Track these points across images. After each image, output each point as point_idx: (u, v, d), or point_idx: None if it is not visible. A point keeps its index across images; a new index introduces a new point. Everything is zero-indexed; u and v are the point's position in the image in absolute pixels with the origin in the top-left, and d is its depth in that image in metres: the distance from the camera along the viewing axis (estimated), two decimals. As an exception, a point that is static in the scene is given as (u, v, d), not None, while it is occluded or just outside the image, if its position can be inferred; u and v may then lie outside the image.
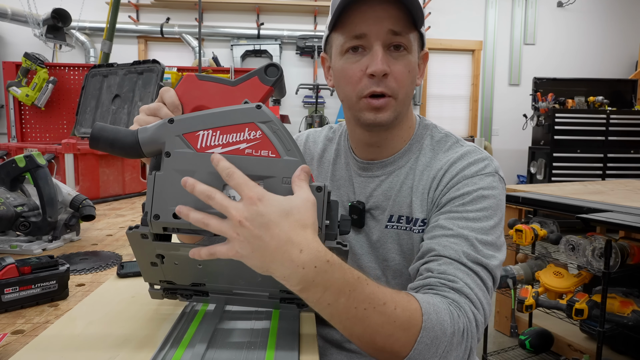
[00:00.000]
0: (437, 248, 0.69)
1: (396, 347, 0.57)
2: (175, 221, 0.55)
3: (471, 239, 0.69)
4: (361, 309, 0.55)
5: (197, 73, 0.65)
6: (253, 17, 5.39)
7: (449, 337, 0.59)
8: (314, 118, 5.02)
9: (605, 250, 1.73)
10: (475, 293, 0.64)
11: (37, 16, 3.76)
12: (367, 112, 0.77)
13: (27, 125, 2.91)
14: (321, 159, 0.95)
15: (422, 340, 0.57)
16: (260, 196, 0.50)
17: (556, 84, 4.87)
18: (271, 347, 0.61)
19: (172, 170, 0.55)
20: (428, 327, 0.58)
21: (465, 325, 0.61)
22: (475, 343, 0.64)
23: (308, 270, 0.51)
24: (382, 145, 0.84)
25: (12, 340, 0.63)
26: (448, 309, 0.61)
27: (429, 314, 0.58)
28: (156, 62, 2.00)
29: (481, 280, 0.67)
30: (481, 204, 0.73)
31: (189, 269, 0.66)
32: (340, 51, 0.77)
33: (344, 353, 0.86)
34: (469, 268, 0.66)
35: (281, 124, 0.55)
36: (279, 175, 0.54)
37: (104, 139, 0.58)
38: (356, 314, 0.55)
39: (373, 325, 0.56)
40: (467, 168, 0.77)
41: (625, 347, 2.08)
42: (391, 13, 0.72)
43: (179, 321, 0.69)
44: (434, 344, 0.58)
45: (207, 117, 0.55)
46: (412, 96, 0.82)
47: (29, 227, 1.04)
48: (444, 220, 0.72)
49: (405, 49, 0.75)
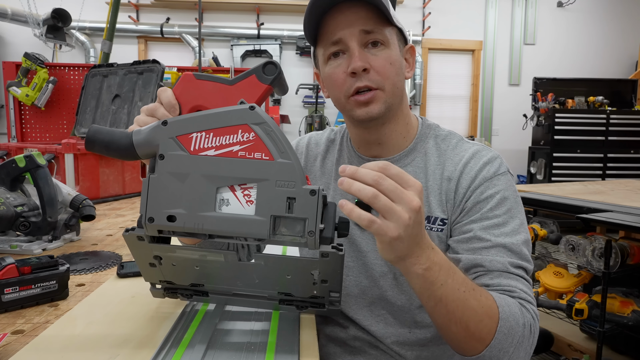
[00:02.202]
0: (485, 264, 0.72)
1: (484, 333, 0.62)
2: (170, 224, 0.55)
3: (509, 245, 0.73)
4: (462, 291, 0.61)
5: (194, 72, 0.64)
6: (253, 17, 5.39)
7: (522, 329, 0.64)
8: (314, 118, 5.02)
9: (605, 250, 1.73)
10: (528, 294, 0.70)
11: (37, 16, 3.76)
12: (356, 108, 0.79)
13: (27, 125, 2.90)
14: (324, 160, 0.95)
15: (501, 329, 0.62)
16: (421, 191, 0.57)
17: (556, 84, 4.88)
18: (271, 349, 0.61)
19: (166, 173, 0.55)
20: (504, 317, 0.62)
21: (530, 321, 0.66)
22: (536, 340, 0.68)
23: (433, 251, 0.59)
24: (383, 142, 0.85)
25: (12, 340, 0.63)
26: (517, 303, 0.66)
27: (502, 306, 0.63)
28: (156, 62, 2.00)
29: (526, 281, 0.72)
30: (506, 206, 0.76)
31: (187, 270, 0.66)
32: (324, 60, 0.82)
33: (347, 350, 0.86)
34: (516, 275, 0.71)
35: (275, 125, 0.55)
36: (272, 178, 0.54)
37: (99, 142, 0.58)
38: (459, 296, 0.60)
39: (470, 308, 0.61)
40: (484, 169, 0.79)
41: (625, 347, 2.07)
42: (360, 14, 0.76)
43: (179, 321, 0.68)
44: (510, 333, 0.62)
45: (201, 119, 0.55)
46: (403, 88, 0.83)
47: (29, 227, 1.04)
48: (479, 230, 0.75)
49: (383, 43, 0.78)
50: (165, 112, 0.62)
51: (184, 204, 0.54)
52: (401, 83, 0.82)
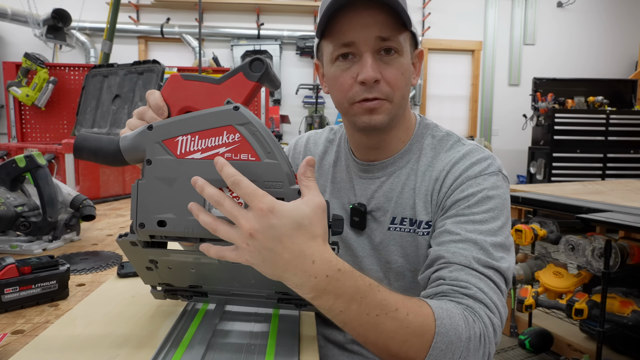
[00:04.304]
0: (446, 255, 0.68)
1: (411, 353, 0.57)
2: (161, 229, 0.55)
3: (480, 242, 0.68)
4: (373, 315, 0.55)
5: (182, 73, 0.63)
6: (253, 17, 5.39)
7: (465, 342, 0.58)
8: (314, 118, 5.02)
9: (605, 250, 1.73)
10: (490, 297, 0.64)
11: (37, 16, 3.76)
12: (360, 115, 0.77)
13: (27, 125, 2.90)
14: (322, 161, 0.95)
15: (436, 345, 0.57)
16: (271, 207, 0.49)
17: (556, 84, 4.88)
18: (270, 351, 0.61)
19: (154, 178, 0.54)
20: (442, 332, 0.57)
21: (481, 330, 0.60)
22: (494, 348, 0.63)
23: (320, 280, 0.51)
24: (381, 147, 0.84)
25: (12, 340, 0.64)
26: (462, 314, 0.60)
27: (442, 319, 0.58)
28: (156, 63, 2.00)
29: (494, 284, 0.66)
30: (487, 205, 0.72)
31: (184, 272, 0.66)
32: (330, 59, 0.77)
33: (346, 354, 0.86)
34: (480, 273, 0.65)
35: (261, 124, 0.54)
36: (260, 179, 0.53)
37: (87, 149, 0.57)
38: (369, 320, 0.55)
39: (386, 331, 0.55)
40: (470, 168, 0.76)
41: (625, 347, 2.08)
42: (377, 19, 0.71)
43: (179, 320, 0.69)
44: (450, 349, 0.57)
45: (185, 122, 0.54)
46: (409, 97, 0.81)
47: (29, 227, 1.04)
48: (450, 224, 0.71)
49: (397, 51, 0.74)
50: (154, 115, 0.61)
51: (173, 208, 0.54)
52: (408, 92, 0.79)
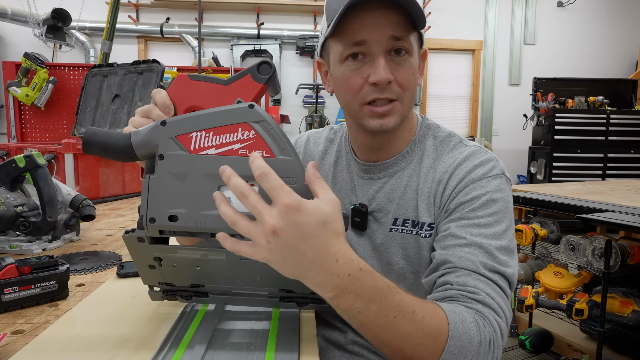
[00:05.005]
0: (452, 260, 0.67)
1: (424, 355, 0.57)
2: (171, 224, 0.55)
3: (485, 246, 0.68)
4: (391, 316, 0.55)
5: (189, 73, 0.63)
6: (253, 17, 5.39)
7: (476, 347, 0.58)
8: (314, 118, 5.02)
9: (605, 250, 1.73)
10: (497, 302, 0.64)
11: (37, 16, 3.76)
12: (370, 119, 0.75)
13: (27, 125, 2.90)
14: (322, 161, 0.94)
15: (449, 349, 0.57)
16: (297, 204, 0.48)
17: (556, 84, 4.87)
18: (271, 348, 0.61)
19: (166, 173, 0.55)
20: (455, 336, 0.57)
21: (491, 335, 0.60)
22: (501, 352, 0.63)
23: (342, 278, 0.51)
24: (385, 147, 0.83)
25: (12, 340, 0.63)
26: (473, 318, 0.60)
27: (455, 323, 0.58)
28: (156, 62, 2.00)
29: (500, 289, 0.66)
30: (491, 209, 0.71)
31: (188, 270, 0.66)
32: (339, 58, 0.75)
33: (346, 355, 0.86)
34: (487, 278, 0.65)
35: (275, 123, 0.55)
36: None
37: (96, 144, 0.57)
38: (386, 321, 0.55)
39: (402, 333, 0.55)
40: (473, 170, 0.75)
41: (625, 347, 2.08)
42: (391, 18, 0.70)
43: (178, 321, 0.68)
44: (461, 353, 0.57)
45: (200, 118, 0.55)
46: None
47: (29, 227, 1.04)
48: (455, 228, 0.71)
49: (407, 52, 0.73)
50: (160, 113, 0.62)
51: (185, 203, 0.54)
52: (416, 92, 0.79)
